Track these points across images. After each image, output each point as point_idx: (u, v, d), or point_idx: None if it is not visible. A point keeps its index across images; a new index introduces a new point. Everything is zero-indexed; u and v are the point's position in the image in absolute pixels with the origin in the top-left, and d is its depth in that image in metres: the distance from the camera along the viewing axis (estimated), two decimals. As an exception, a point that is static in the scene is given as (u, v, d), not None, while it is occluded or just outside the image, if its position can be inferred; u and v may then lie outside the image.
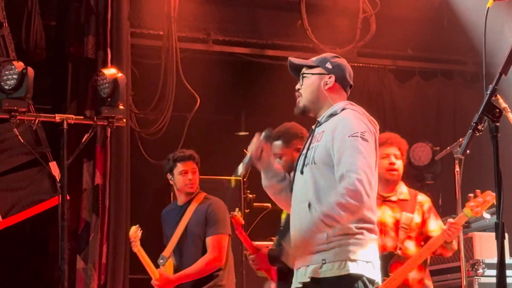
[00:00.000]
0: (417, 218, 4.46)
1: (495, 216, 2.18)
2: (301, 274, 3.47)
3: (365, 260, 3.32)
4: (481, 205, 4.32)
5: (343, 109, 3.39)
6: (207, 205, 5.45)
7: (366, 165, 3.20)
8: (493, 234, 2.33)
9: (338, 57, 3.78)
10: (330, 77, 3.49)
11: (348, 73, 3.60)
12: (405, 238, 4.46)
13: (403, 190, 4.57)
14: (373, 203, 3.45)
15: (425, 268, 4.65)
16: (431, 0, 8.52)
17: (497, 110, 2.07)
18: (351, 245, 3.30)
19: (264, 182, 3.81)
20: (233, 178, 6.84)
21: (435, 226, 4.48)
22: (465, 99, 8.63)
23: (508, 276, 4.18)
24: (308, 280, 3.39)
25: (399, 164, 4.45)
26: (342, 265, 3.26)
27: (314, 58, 3.70)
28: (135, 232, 5.52)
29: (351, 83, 3.65)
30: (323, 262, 3.30)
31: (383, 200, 4.49)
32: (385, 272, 4.27)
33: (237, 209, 5.37)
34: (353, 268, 3.26)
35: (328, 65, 3.53)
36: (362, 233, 3.34)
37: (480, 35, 2.87)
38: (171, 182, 5.68)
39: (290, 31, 8.11)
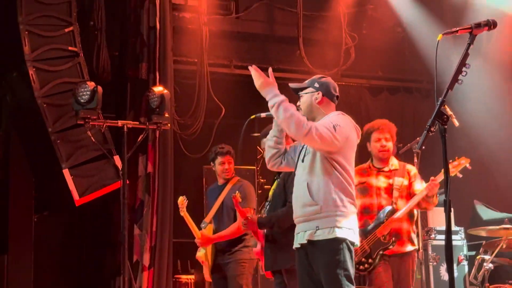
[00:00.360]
0: (405, 182, 4.48)
1: (444, 195, 2.23)
2: (300, 237, 3.55)
3: (348, 227, 3.44)
4: (455, 167, 4.38)
5: (337, 115, 3.66)
6: (239, 185, 5.56)
7: (324, 131, 3.21)
8: (442, 208, 2.35)
9: (324, 77, 3.78)
10: (318, 93, 3.55)
11: (332, 88, 3.59)
12: (397, 197, 4.46)
13: (394, 162, 4.59)
14: (353, 184, 3.56)
15: (412, 222, 4.57)
16: (395, 35, 8.38)
17: (445, 116, 2.21)
18: (337, 216, 3.38)
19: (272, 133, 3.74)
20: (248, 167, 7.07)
21: (419, 187, 4.47)
22: (421, 109, 8.54)
23: (453, 240, 4.23)
24: (305, 242, 3.49)
25: (389, 145, 4.44)
26: (331, 231, 3.36)
27: (306, 81, 3.77)
28: (182, 201, 5.59)
29: (337, 94, 3.63)
30: (317, 228, 3.38)
31: (378, 171, 4.46)
32: (382, 221, 4.30)
33: (237, 191, 5.20)
34: (339, 233, 3.36)
35: (316, 85, 3.58)
36: (345, 206, 3.41)
37: (433, 60, 2.90)
38: (213, 168, 5.74)
39: (291, 58, 8.02)
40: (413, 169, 4.64)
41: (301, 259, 3.69)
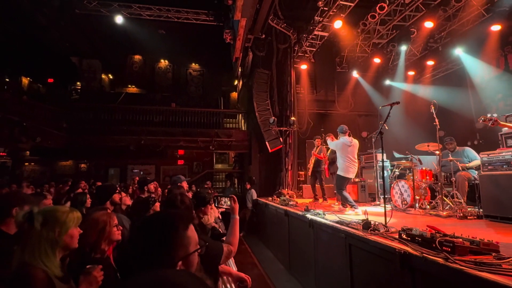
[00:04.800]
0: None
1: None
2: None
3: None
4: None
5: (341, 137, 5.37)
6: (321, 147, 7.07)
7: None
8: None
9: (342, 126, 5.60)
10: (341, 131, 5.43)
11: (343, 128, 5.54)
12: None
13: None
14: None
15: None
16: (367, 98, 12.26)
17: (382, 130, 3.80)
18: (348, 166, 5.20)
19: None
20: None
21: None
22: (376, 123, 10.97)
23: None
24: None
25: None
26: (343, 172, 5.55)
27: (340, 127, 5.87)
28: (312, 157, 7.55)
29: (348, 131, 5.56)
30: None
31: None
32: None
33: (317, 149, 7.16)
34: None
35: (344, 129, 5.87)
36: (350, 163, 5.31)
37: (379, 105, 5.36)
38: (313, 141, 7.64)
39: (333, 105, 11.88)
40: None
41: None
